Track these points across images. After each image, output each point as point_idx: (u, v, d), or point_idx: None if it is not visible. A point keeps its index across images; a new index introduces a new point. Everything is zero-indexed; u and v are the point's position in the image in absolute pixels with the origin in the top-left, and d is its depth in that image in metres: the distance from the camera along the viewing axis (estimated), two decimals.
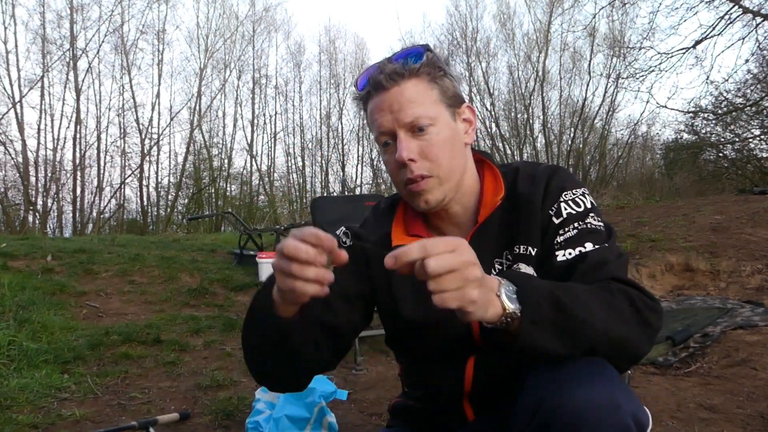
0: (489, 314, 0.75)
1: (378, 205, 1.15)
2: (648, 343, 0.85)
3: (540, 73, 18.50)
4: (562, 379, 0.77)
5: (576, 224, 0.95)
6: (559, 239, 0.94)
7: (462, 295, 0.71)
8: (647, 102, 22.57)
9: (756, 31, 10.70)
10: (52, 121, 16.51)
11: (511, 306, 0.76)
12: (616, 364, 0.83)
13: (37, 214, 15.83)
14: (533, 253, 0.97)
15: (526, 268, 0.96)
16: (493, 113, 19.09)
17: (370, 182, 20.86)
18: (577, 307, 0.79)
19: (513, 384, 0.92)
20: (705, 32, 10.96)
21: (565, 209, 0.97)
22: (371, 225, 1.11)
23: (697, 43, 11.11)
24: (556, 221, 0.96)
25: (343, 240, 1.09)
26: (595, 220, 0.96)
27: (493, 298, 0.76)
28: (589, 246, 0.92)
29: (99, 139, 17.23)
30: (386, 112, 0.95)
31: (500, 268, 0.99)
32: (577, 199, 0.98)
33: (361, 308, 1.05)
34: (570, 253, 0.92)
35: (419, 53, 0.97)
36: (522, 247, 0.97)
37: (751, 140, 13.50)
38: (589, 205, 0.97)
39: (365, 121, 1.05)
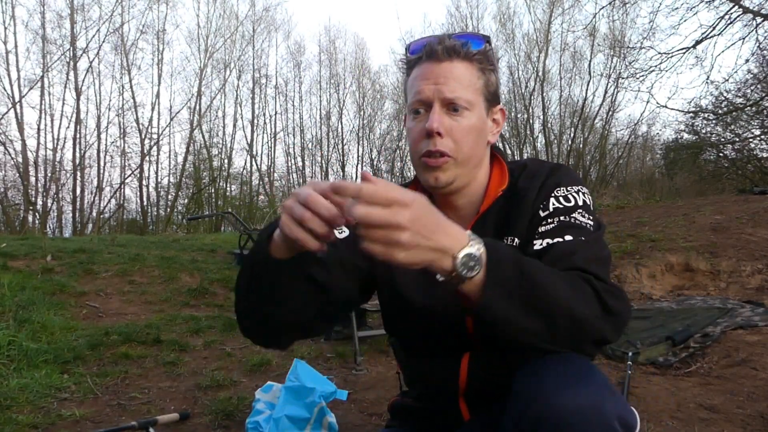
0: (443, 263, 0.73)
1: None
2: (611, 328, 0.82)
3: (540, 73, 18.51)
4: (547, 383, 0.77)
5: (560, 218, 0.95)
6: (540, 230, 0.95)
7: (386, 250, 0.69)
8: (647, 102, 22.57)
9: (756, 31, 10.70)
10: (52, 121, 16.55)
11: (460, 256, 0.73)
12: (579, 346, 0.82)
13: (37, 214, 15.84)
14: (517, 244, 0.98)
15: None
16: None
17: None
18: (540, 275, 0.79)
19: (508, 383, 0.93)
20: (705, 32, 10.97)
21: (553, 204, 0.97)
22: None
23: (698, 43, 11.12)
24: (542, 214, 0.97)
25: None
26: (582, 216, 0.95)
27: (443, 256, 0.73)
28: (567, 238, 0.91)
29: (99, 139, 17.27)
30: (431, 81, 0.97)
31: None
32: (569, 195, 0.98)
33: (358, 282, 1.03)
34: (548, 243, 0.92)
35: (480, 41, 1.01)
36: (509, 237, 0.99)
37: (751, 140, 13.51)
38: (580, 202, 0.97)
39: (404, 86, 1.06)
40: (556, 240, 0.91)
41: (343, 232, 1.05)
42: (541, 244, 0.92)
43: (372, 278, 1.06)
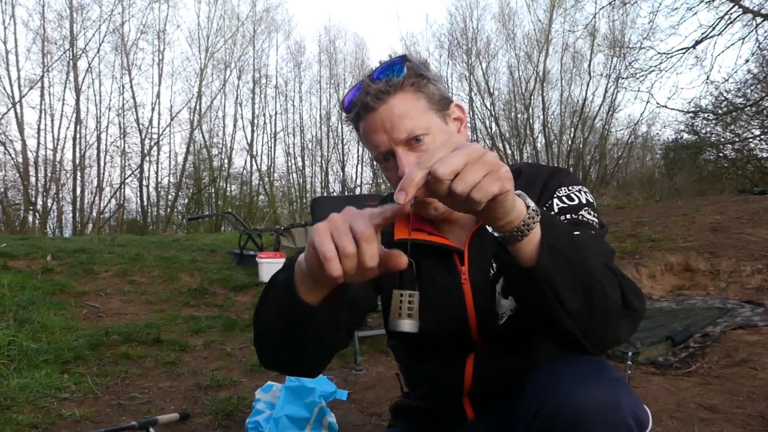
0: (514, 213, 0.69)
1: (385, 199, 1.16)
2: (628, 324, 0.80)
3: (540, 73, 18.51)
4: (564, 379, 0.77)
5: (568, 215, 0.94)
6: None
7: (496, 177, 0.63)
8: (647, 102, 22.61)
9: (756, 31, 10.70)
10: (52, 121, 16.54)
11: (532, 204, 0.71)
12: (599, 339, 0.79)
13: (37, 214, 15.84)
14: None
15: None
16: (493, 113, 19.12)
17: (370, 182, 20.88)
18: (587, 250, 0.76)
19: (513, 383, 0.93)
20: (705, 32, 10.96)
21: (558, 204, 0.96)
22: None
23: (697, 43, 11.11)
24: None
25: None
26: (588, 213, 0.95)
27: (517, 198, 0.70)
28: (577, 234, 0.90)
29: (99, 139, 17.27)
30: (380, 131, 0.95)
31: (497, 266, 0.99)
32: (572, 194, 0.98)
33: (373, 287, 1.03)
34: None
35: (399, 66, 0.97)
36: None
37: (751, 140, 13.50)
38: (584, 201, 0.97)
39: (360, 140, 1.05)
40: None
41: None
42: None
43: (379, 278, 1.05)
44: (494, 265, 0.99)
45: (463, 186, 0.62)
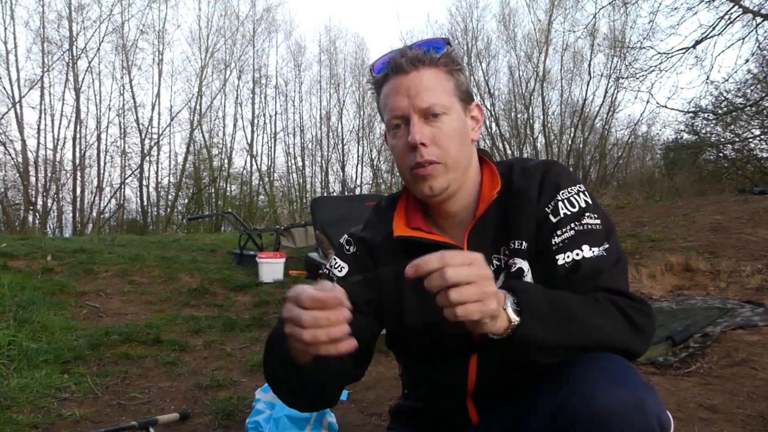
0: (497, 327, 0.77)
1: (379, 204, 1.15)
2: (642, 343, 0.87)
3: (540, 73, 18.51)
4: (586, 379, 0.77)
5: (572, 224, 0.95)
6: (556, 240, 0.95)
7: (483, 307, 0.72)
8: (647, 102, 22.51)
9: (756, 31, 10.69)
10: (52, 121, 16.56)
11: (515, 318, 0.78)
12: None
13: (37, 214, 15.85)
14: (525, 248, 0.97)
15: (521, 263, 0.97)
16: (493, 113, 19.11)
17: (370, 182, 20.89)
18: (572, 303, 0.83)
19: (517, 384, 0.92)
20: (705, 32, 10.95)
21: (562, 209, 0.97)
22: (374, 225, 1.11)
23: (697, 43, 11.10)
24: (553, 220, 0.96)
25: (347, 248, 1.09)
26: (591, 218, 0.96)
27: (501, 311, 0.77)
28: (585, 249, 0.92)
29: (99, 139, 17.29)
30: (403, 95, 0.97)
31: (497, 263, 0.99)
32: (572, 198, 0.98)
33: (375, 313, 1.05)
34: (568, 256, 0.93)
35: (440, 45, 1.00)
36: (516, 241, 0.98)
37: (751, 140, 13.49)
38: (583, 204, 0.97)
39: (377, 106, 1.07)
40: (576, 252, 0.93)
41: (343, 270, 1.05)
42: (564, 259, 0.93)
43: (380, 303, 1.06)
44: (494, 261, 0.99)
45: (456, 296, 0.71)
